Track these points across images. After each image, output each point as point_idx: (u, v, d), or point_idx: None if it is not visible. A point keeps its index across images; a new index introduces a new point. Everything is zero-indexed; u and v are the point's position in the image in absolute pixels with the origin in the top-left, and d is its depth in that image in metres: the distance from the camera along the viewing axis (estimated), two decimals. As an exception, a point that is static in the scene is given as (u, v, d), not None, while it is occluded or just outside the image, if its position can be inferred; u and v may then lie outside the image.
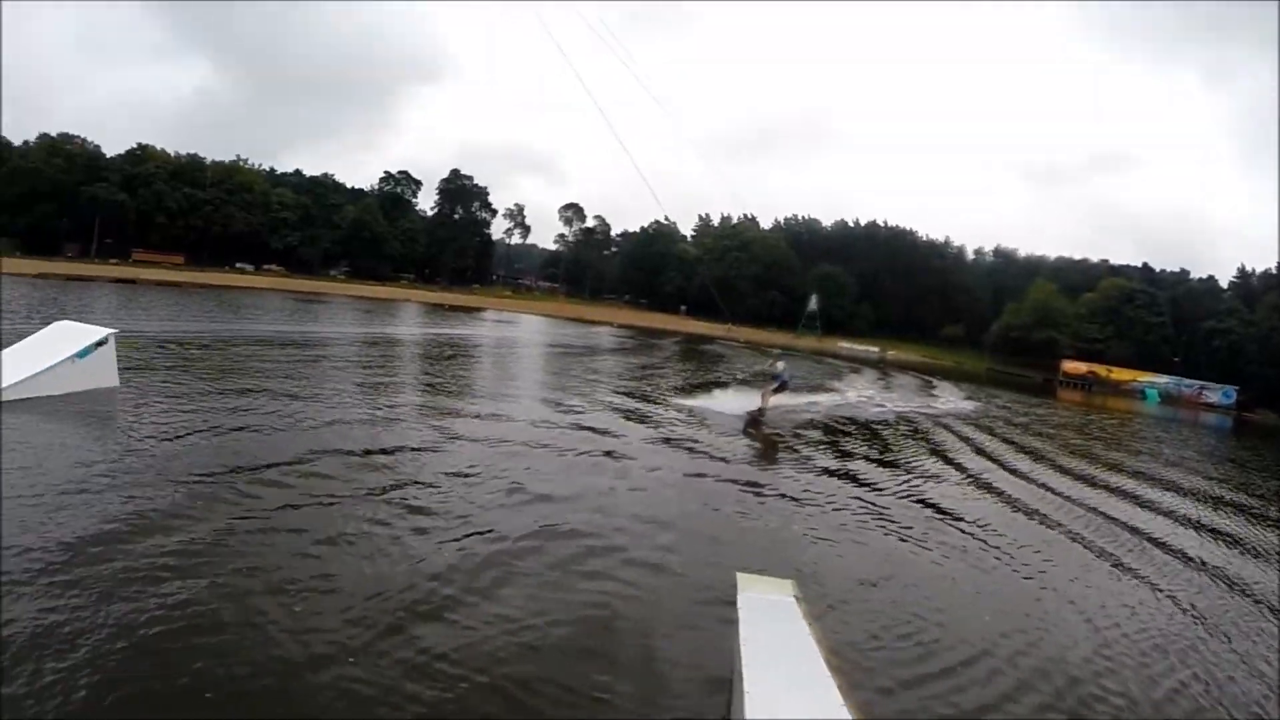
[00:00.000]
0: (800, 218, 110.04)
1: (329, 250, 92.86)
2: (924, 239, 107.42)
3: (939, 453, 16.83)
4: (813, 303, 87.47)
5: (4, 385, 12.37)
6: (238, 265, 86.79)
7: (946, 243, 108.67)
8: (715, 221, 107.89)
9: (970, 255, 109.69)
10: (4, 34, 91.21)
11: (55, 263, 67.95)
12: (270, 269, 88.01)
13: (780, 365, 18.75)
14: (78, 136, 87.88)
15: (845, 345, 77.04)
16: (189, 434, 10.63)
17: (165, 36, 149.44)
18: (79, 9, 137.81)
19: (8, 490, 7.09)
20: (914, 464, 14.97)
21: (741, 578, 5.58)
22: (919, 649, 6.21)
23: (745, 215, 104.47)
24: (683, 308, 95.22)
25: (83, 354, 13.58)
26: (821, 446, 15.79)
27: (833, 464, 13.79)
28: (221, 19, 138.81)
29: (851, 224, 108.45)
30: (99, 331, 14.24)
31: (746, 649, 4.41)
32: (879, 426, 20.64)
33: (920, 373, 52.67)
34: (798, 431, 17.24)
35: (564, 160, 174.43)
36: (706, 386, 24.28)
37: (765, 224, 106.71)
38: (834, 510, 10.44)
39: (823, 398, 25.68)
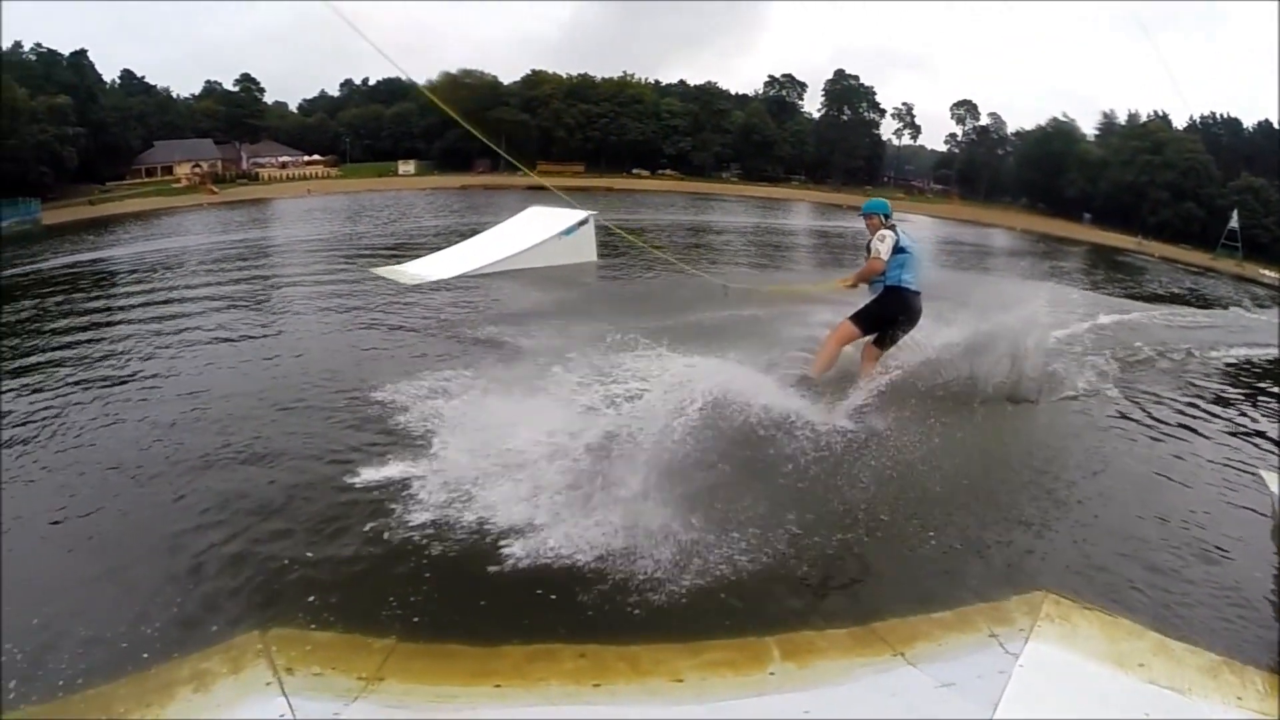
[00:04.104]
0: (1219, 116, 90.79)
1: (719, 154, 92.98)
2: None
3: None
4: (1233, 219, 72.99)
5: (499, 257, 13.09)
6: (634, 171, 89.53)
7: (1399, 156, 79.15)
8: (1122, 119, 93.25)
9: None
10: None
11: (470, 176, 76.24)
12: (665, 173, 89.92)
13: (884, 243, 7.13)
14: (476, 70, 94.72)
15: (1269, 273, 61.83)
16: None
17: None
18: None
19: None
20: None
21: (1268, 474, 6.09)
22: None
23: (1155, 113, 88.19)
24: (1086, 216, 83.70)
25: (568, 232, 14.00)
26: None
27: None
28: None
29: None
30: (580, 213, 14.76)
31: None
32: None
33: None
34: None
35: (939, 57, 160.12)
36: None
37: (1178, 123, 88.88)
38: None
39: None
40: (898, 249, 7.13)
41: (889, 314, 7.22)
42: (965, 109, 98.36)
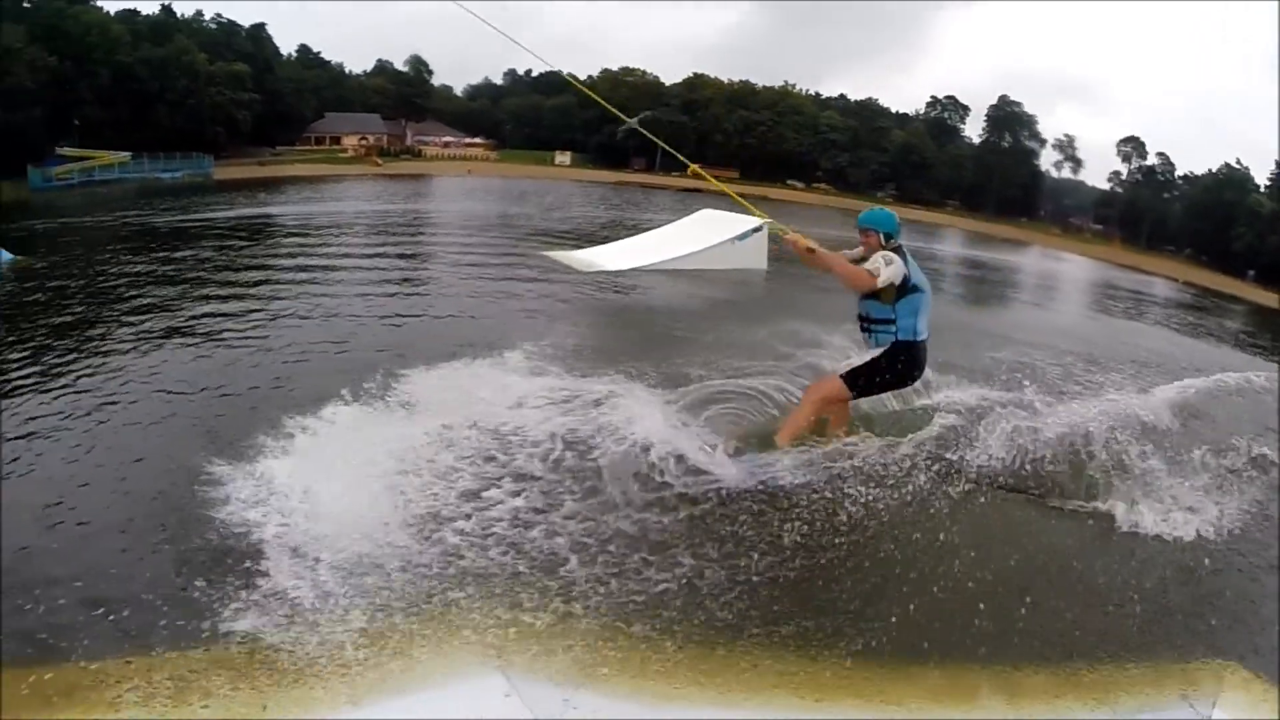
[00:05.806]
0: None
1: (876, 172, 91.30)
2: None
3: None
4: None
5: (670, 256, 12.97)
6: (789, 181, 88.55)
7: None
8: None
9: None
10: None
11: (626, 173, 79.61)
12: (819, 187, 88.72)
13: (891, 266, 5.23)
14: (638, 70, 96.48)
15: None
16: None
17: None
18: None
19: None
20: None
21: None
22: None
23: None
24: (1249, 272, 77.04)
25: (742, 237, 13.75)
26: None
27: None
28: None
29: None
30: (753, 220, 14.44)
31: None
32: None
33: None
34: None
35: (1108, 87, 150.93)
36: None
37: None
38: None
39: None
40: (909, 287, 5.30)
41: (899, 377, 5.47)
42: (1131, 146, 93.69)
